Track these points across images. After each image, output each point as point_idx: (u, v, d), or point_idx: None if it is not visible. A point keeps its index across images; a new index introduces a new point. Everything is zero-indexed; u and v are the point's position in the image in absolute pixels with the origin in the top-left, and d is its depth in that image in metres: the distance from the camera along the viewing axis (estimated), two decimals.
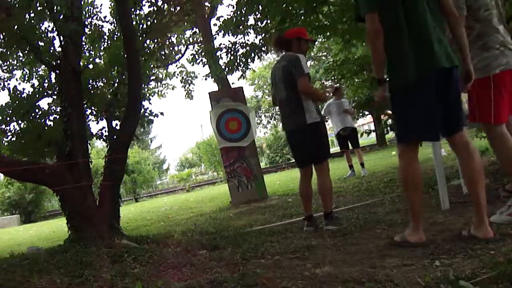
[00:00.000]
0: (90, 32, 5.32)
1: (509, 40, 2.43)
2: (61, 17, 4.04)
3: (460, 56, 2.23)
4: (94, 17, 5.55)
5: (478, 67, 2.41)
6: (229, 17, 7.99)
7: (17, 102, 4.50)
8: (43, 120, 4.49)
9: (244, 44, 8.39)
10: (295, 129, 3.27)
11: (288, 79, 3.25)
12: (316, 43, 10.69)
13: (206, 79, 12.85)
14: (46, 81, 4.93)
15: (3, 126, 4.44)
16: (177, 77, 14.97)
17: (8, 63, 5.68)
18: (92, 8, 5.50)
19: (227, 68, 9.00)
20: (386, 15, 2.18)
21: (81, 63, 4.28)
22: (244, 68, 8.81)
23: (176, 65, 15.81)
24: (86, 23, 5.19)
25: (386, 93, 2.26)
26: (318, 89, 3.44)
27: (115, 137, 4.31)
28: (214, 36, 12.63)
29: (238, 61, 8.51)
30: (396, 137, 2.44)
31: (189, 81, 15.14)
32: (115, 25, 5.62)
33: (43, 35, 4.84)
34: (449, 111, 2.15)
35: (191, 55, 12.25)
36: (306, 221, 3.34)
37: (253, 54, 7.97)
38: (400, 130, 2.29)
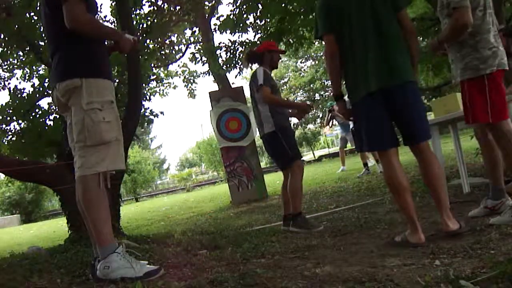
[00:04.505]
0: None
1: (499, 41, 2.40)
2: None
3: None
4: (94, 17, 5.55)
5: (470, 67, 2.38)
6: (228, 15, 7.97)
7: (17, 101, 4.51)
8: (43, 120, 4.49)
9: (244, 43, 8.36)
10: (262, 138, 3.56)
11: (251, 93, 3.54)
12: (316, 42, 10.66)
13: (204, 75, 12.81)
14: (47, 80, 4.93)
15: (4, 126, 4.45)
16: (179, 77, 14.93)
17: (8, 62, 5.68)
18: None
19: (225, 66, 8.98)
20: (339, 36, 2.32)
21: None
22: (242, 66, 8.77)
23: (178, 65, 15.80)
24: None
25: (347, 108, 2.48)
26: (282, 98, 4.10)
27: None
28: (213, 34, 12.62)
29: (237, 59, 8.48)
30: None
31: (192, 80, 15.08)
32: (115, 25, 5.62)
33: (43, 35, 4.84)
34: (404, 125, 2.26)
35: (191, 53, 12.25)
36: (283, 221, 3.50)
37: None
38: (355, 139, 2.49)
